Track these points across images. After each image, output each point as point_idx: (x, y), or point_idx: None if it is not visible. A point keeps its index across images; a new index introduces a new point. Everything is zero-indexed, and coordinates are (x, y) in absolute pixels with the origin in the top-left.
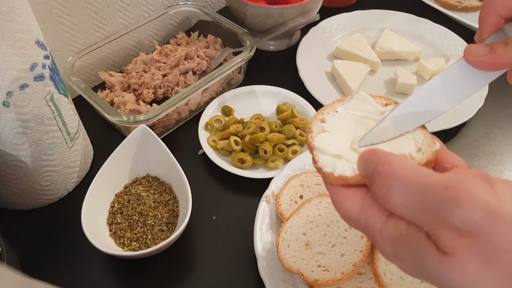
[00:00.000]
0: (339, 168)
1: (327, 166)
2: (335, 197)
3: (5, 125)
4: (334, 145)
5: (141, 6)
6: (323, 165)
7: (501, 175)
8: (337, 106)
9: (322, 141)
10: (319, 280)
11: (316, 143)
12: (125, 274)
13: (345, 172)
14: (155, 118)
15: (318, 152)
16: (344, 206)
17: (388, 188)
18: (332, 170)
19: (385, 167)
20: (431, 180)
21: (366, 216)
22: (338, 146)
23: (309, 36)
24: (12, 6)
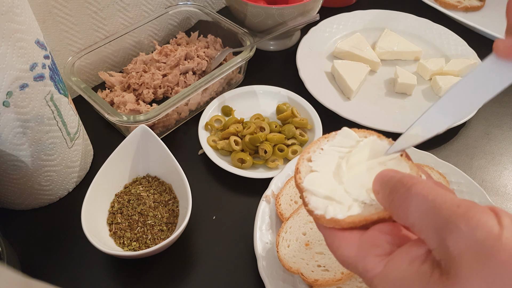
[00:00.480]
0: (331, 211)
1: (318, 208)
2: (330, 240)
3: (5, 125)
4: (323, 185)
5: (141, 6)
6: (314, 207)
7: (501, 175)
8: (322, 144)
9: (311, 181)
10: (319, 280)
11: (305, 184)
12: (125, 274)
13: (337, 214)
14: (155, 118)
15: (308, 194)
16: (340, 250)
17: (406, 198)
18: (324, 213)
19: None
20: (446, 198)
21: (364, 262)
22: (327, 186)
23: (309, 36)
24: (12, 6)
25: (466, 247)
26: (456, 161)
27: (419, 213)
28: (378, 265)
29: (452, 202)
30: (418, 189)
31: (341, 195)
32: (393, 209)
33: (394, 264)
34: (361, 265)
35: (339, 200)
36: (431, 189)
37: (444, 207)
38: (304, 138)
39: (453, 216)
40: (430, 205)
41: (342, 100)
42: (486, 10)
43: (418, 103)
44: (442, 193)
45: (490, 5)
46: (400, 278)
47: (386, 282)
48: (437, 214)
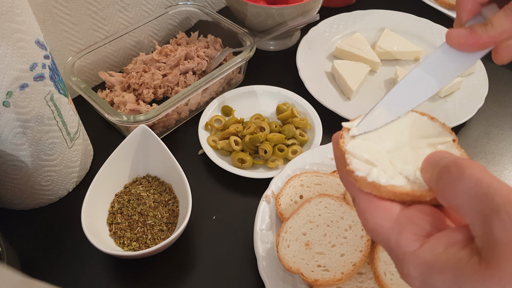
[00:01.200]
0: (374, 174)
1: (360, 170)
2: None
3: (5, 125)
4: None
5: (141, 6)
6: (356, 168)
7: (501, 175)
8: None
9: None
10: (319, 280)
11: (349, 147)
12: (125, 274)
13: (380, 179)
14: (155, 118)
15: (350, 156)
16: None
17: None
18: (365, 175)
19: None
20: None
21: (398, 237)
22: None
23: (309, 36)
24: (12, 6)
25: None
26: None
27: (469, 196)
28: (413, 243)
29: (509, 191)
30: (473, 172)
31: (385, 164)
32: (440, 187)
33: (430, 246)
34: (394, 239)
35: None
36: (488, 175)
37: (498, 194)
38: (304, 138)
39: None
40: (483, 190)
41: (342, 100)
42: None
43: None
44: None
45: None
46: (433, 260)
47: (418, 262)
48: (490, 199)
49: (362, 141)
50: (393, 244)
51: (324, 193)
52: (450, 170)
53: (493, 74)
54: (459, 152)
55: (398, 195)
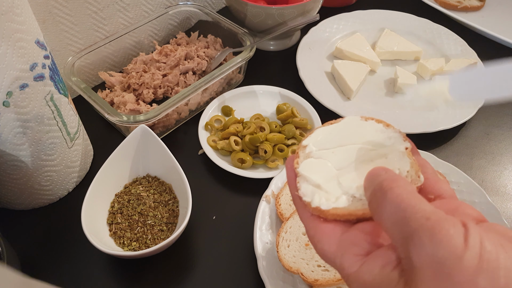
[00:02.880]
0: (316, 200)
1: (307, 195)
2: (312, 232)
3: (5, 125)
4: (318, 172)
5: (141, 6)
6: (303, 194)
7: (501, 175)
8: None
9: (307, 167)
10: (319, 280)
11: (301, 169)
12: (125, 274)
13: (322, 205)
14: (155, 118)
15: (301, 179)
16: (321, 244)
17: (382, 201)
18: (310, 201)
19: (389, 183)
20: (419, 208)
21: (341, 259)
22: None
23: (309, 36)
24: (12, 6)
25: (427, 263)
26: (456, 161)
27: (391, 221)
28: (355, 264)
29: (423, 214)
30: (393, 196)
31: (332, 185)
32: (371, 210)
33: (368, 266)
34: (339, 262)
35: (329, 190)
36: (406, 197)
37: (413, 218)
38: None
39: (420, 229)
40: (400, 215)
41: (342, 100)
42: (486, 10)
43: (418, 103)
44: (416, 203)
45: (490, 5)
46: (371, 281)
47: (359, 283)
48: (406, 224)
49: (315, 159)
50: (339, 267)
51: None
52: (376, 194)
53: None
54: (409, 160)
55: (341, 216)
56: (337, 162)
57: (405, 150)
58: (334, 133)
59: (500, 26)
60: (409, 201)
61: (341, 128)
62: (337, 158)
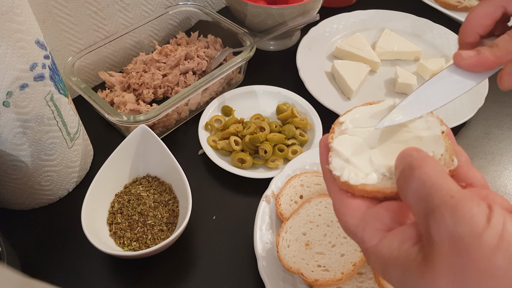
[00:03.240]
0: (346, 174)
1: (337, 169)
2: (338, 205)
3: (5, 125)
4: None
5: (141, 6)
6: (333, 167)
7: (501, 175)
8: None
9: (340, 142)
10: (319, 280)
11: (334, 144)
12: (125, 274)
13: (350, 179)
14: (155, 118)
15: (333, 154)
16: (345, 217)
17: (410, 177)
18: (340, 174)
19: (418, 162)
20: (445, 186)
21: (362, 232)
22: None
23: (309, 36)
24: (12, 6)
25: (446, 239)
26: None
27: (416, 197)
28: (375, 238)
29: (447, 192)
30: (420, 173)
31: (364, 162)
32: (398, 187)
33: (387, 241)
34: (360, 235)
35: (359, 166)
36: (434, 175)
37: (437, 195)
38: (304, 138)
39: (443, 205)
40: (426, 191)
41: (342, 100)
42: None
43: None
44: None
45: None
46: (388, 255)
47: (377, 256)
48: (430, 200)
49: (350, 136)
50: (359, 240)
51: (324, 193)
52: (404, 171)
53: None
54: (444, 144)
55: (369, 192)
56: (371, 141)
57: (441, 134)
58: (371, 113)
59: None
60: (436, 179)
61: (379, 109)
62: (371, 137)
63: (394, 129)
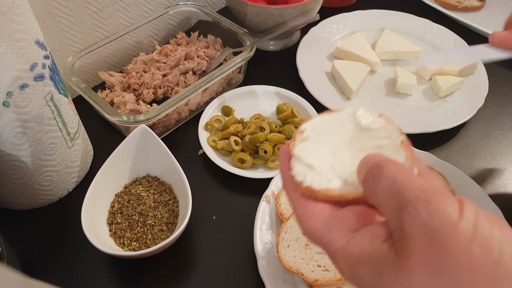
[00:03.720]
0: (308, 179)
1: (299, 175)
2: (301, 211)
3: (5, 125)
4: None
5: (141, 6)
6: (296, 173)
7: (501, 175)
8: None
9: (302, 149)
10: (319, 280)
11: (296, 150)
12: (125, 274)
13: (313, 184)
14: (155, 118)
15: (295, 160)
16: (308, 222)
17: (377, 177)
18: (302, 180)
19: (385, 162)
20: (415, 182)
21: (329, 235)
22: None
23: (309, 36)
24: (12, 6)
25: (421, 231)
26: (456, 161)
27: (386, 194)
28: (342, 239)
29: (418, 187)
30: (389, 172)
31: (326, 168)
32: (364, 187)
33: (356, 240)
34: (326, 238)
35: (322, 172)
36: (403, 173)
37: (409, 190)
38: None
39: (416, 199)
40: (397, 187)
41: (342, 100)
42: (486, 10)
43: (418, 103)
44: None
45: (490, 5)
46: (358, 254)
47: (347, 256)
48: (401, 195)
49: (312, 143)
50: (326, 243)
51: None
52: (372, 170)
53: (493, 74)
54: (404, 153)
55: (332, 197)
56: (332, 148)
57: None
58: (332, 121)
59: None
60: (406, 176)
61: (340, 117)
62: (333, 144)
63: (354, 137)
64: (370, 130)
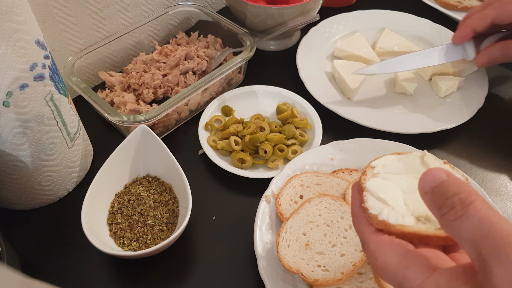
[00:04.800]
0: (385, 213)
1: (374, 208)
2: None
3: (5, 125)
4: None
5: (141, 6)
6: (370, 206)
7: (501, 175)
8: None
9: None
10: (319, 280)
11: (368, 185)
12: (125, 274)
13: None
14: (155, 118)
15: (368, 194)
16: (383, 257)
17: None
18: (377, 213)
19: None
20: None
21: (405, 271)
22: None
23: (309, 36)
24: (12, 6)
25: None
26: (456, 161)
27: (472, 235)
28: (420, 276)
29: (508, 232)
30: (475, 210)
31: (399, 204)
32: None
33: (434, 278)
34: (402, 274)
35: (396, 208)
36: (489, 212)
37: (499, 236)
38: (304, 138)
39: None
40: (485, 230)
41: (342, 100)
42: None
43: (418, 103)
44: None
45: None
46: None
47: None
48: (491, 240)
49: (383, 180)
50: (401, 279)
51: (324, 193)
52: (456, 207)
53: (493, 74)
54: None
55: (406, 234)
56: (403, 187)
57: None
58: (402, 161)
59: None
60: (493, 217)
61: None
62: (403, 183)
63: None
64: None
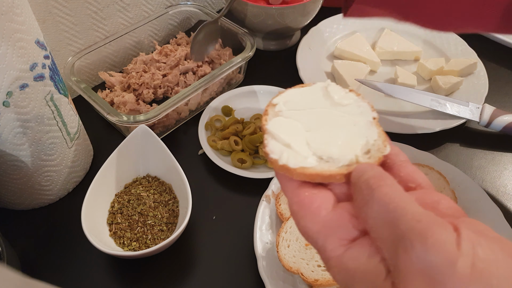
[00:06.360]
0: (284, 157)
1: (274, 153)
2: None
3: (5, 125)
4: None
5: (141, 6)
6: (271, 151)
7: (501, 175)
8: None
9: (276, 125)
10: (319, 280)
11: (269, 126)
12: (125, 274)
13: (289, 163)
14: (155, 118)
15: (269, 137)
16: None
17: (370, 199)
18: (278, 158)
19: (376, 181)
20: (409, 209)
21: (325, 240)
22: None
23: (309, 36)
24: (12, 6)
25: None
26: (456, 161)
27: (378, 221)
28: (339, 248)
29: (413, 216)
30: (381, 194)
31: (301, 145)
32: (356, 208)
33: (353, 253)
34: (321, 243)
35: (297, 149)
36: (395, 196)
37: (403, 221)
38: None
39: (411, 232)
40: (390, 216)
41: None
42: None
43: None
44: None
45: None
46: (354, 269)
47: (341, 268)
48: (395, 226)
49: (285, 118)
50: (320, 247)
51: None
52: (363, 191)
53: (493, 74)
54: (376, 130)
55: (308, 176)
56: (306, 123)
57: (373, 120)
58: (305, 95)
59: None
60: (399, 201)
61: (312, 91)
62: (306, 119)
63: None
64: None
